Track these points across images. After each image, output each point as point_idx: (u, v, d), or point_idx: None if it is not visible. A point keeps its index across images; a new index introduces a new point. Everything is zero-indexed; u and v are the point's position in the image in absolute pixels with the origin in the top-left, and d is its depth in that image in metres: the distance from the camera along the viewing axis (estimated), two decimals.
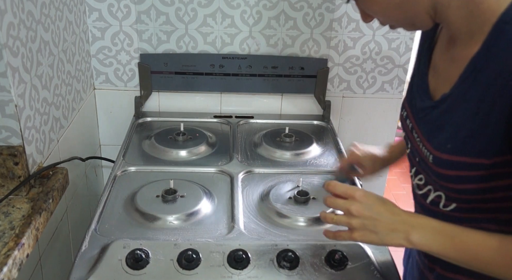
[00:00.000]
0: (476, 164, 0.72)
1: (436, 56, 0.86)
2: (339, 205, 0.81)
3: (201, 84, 1.59)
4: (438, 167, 0.77)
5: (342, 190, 0.82)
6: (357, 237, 0.79)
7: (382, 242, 0.78)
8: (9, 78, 0.92)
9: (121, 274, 0.87)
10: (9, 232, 0.87)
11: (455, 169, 0.74)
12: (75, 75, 1.39)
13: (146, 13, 1.51)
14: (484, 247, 0.71)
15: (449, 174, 0.76)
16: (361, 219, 0.78)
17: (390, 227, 0.77)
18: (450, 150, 0.74)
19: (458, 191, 0.77)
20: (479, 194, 0.75)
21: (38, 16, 1.07)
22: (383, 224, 0.78)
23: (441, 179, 0.78)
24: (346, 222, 0.80)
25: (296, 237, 0.99)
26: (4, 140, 0.97)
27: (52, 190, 1.02)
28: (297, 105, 1.66)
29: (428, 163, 0.80)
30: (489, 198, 0.74)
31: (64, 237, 1.28)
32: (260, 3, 1.51)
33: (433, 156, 0.78)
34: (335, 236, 0.84)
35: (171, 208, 1.06)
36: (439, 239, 0.74)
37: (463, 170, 0.74)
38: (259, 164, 1.30)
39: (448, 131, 0.75)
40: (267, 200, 1.10)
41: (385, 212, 0.78)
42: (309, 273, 0.90)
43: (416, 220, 0.78)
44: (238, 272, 0.89)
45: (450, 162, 0.75)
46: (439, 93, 0.80)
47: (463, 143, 0.73)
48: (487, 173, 0.72)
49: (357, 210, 0.79)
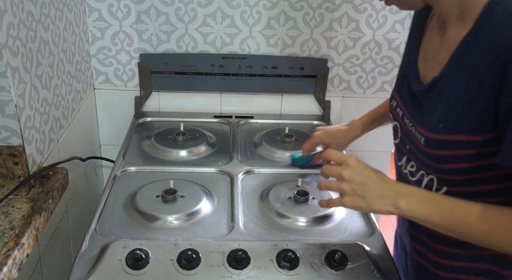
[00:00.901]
0: (469, 142, 0.74)
1: (425, 44, 0.88)
2: (333, 170, 0.85)
3: (201, 84, 1.59)
4: (431, 149, 0.79)
5: (336, 157, 0.86)
6: (347, 201, 0.82)
7: (370, 207, 0.80)
8: (9, 78, 0.92)
9: (121, 274, 0.87)
10: (9, 232, 0.87)
11: (448, 148, 0.76)
12: (75, 75, 1.39)
13: (146, 13, 1.51)
14: (468, 213, 0.74)
15: (441, 154, 0.78)
16: (352, 183, 0.81)
17: (379, 193, 0.80)
18: (442, 129, 0.76)
19: (449, 171, 0.78)
20: (469, 174, 0.77)
21: (38, 16, 1.07)
22: (372, 190, 0.80)
23: (433, 160, 0.80)
24: (337, 186, 0.83)
25: (296, 237, 0.99)
26: (4, 140, 0.97)
27: (52, 190, 1.02)
28: (297, 105, 1.66)
29: (420, 146, 0.82)
30: (478, 178, 0.77)
31: (64, 237, 1.28)
32: (260, 3, 1.51)
33: (425, 138, 0.80)
34: (327, 204, 0.87)
35: (171, 208, 1.06)
36: (426, 205, 0.77)
37: (456, 149, 0.75)
38: (259, 164, 1.30)
39: (440, 111, 0.77)
40: (267, 200, 1.10)
41: (375, 178, 0.81)
42: (309, 273, 0.90)
43: (404, 188, 0.81)
44: (238, 272, 0.89)
45: (442, 141, 0.76)
46: (429, 77, 0.82)
47: (455, 121, 0.75)
48: (478, 152, 0.74)
49: (348, 174, 0.81)
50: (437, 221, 0.76)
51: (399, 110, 0.91)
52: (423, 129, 0.80)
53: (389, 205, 0.79)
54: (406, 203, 0.77)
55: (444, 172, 0.80)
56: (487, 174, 0.76)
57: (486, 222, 0.73)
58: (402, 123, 0.90)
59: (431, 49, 0.86)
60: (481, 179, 0.77)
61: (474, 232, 0.74)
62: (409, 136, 0.87)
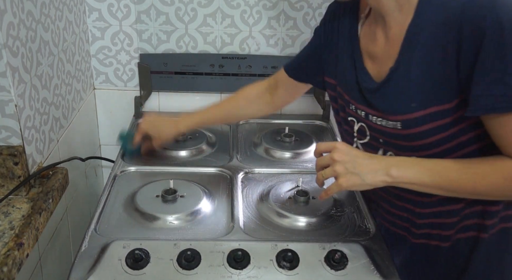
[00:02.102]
0: (442, 111, 0.82)
1: (368, 45, 0.94)
2: (325, 158, 0.90)
3: (201, 84, 1.59)
4: (409, 129, 0.86)
5: (325, 146, 0.92)
6: (343, 182, 0.86)
7: (365, 182, 0.85)
8: (9, 78, 0.92)
9: (121, 274, 0.87)
10: (9, 232, 0.87)
11: (425, 123, 0.84)
12: (75, 75, 1.39)
13: (146, 13, 1.51)
14: (450, 168, 0.83)
15: (420, 131, 0.85)
16: (343, 163, 0.86)
17: (370, 168, 0.85)
18: (415, 108, 0.84)
19: (430, 145, 0.86)
20: (448, 143, 0.85)
21: (38, 16, 1.07)
22: (363, 165, 0.86)
23: (413, 140, 0.87)
24: (331, 170, 0.88)
25: (296, 237, 0.99)
26: (4, 140, 0.97)
27: (52, 190, 1.02)
28: (297, 105, 1.66)
29: (397, 132, 0.88)
30: (456, 145, 0.85)
31: (64, 237, 1.28)
32: (260, 3, 1.51)
33: (401, 122, 0.86)
34: (326, 193, 0.92)
35: (171, 208, 1.06)
36: (415, 169, 0.84)
37: (432, 122, 0.83)
38: (259, 164, 1.30)
39: (408, 93, 0.84)
40: (267, 200, 1.10)
41: (362, 155, 0.88)
42: (308, 273, 0.90)
43: (391, 159, 0.88)
44: (238, 272, 0.89)
45: (419, 118, 0.84)
46: (382, 73, 0.89)
47: (426, 96, 0.82)
48: (452, 119, 0.82)
49: (338, 155, 0.87)
50: (426, 181, 0.83)
51: (361, 112, 0.96)
52: (396, 115, 0.87)
53: (382, 175, 0.85)
54: (397, 170, 0.84)
55: (425, 148, 0.86)
56: (463, 138, 0.84)
57: (467, 172, 0.81)
58: (368, 121, 0.95)
59: (378, 48, 0.91)
60: (459, 144, 0.85)
61: (460, 184, 0.82)
62: (379, 129, 0.92)
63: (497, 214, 0.93)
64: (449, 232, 0.96)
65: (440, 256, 0.99)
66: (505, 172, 0.80)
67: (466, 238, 0.95)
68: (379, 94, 0.90)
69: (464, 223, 0.94)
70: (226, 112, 1.26)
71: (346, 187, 0.87)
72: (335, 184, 0.88)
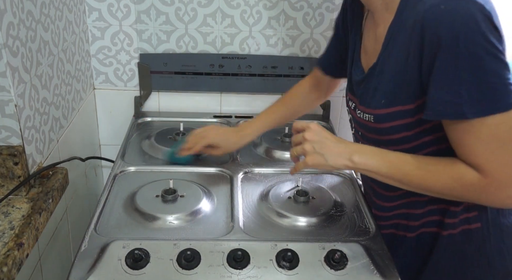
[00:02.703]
0: (405, 111, 0.87)
1: (365, 41, 1.00)
2: (298, 136, 0.95)
3: (201, 84, 1.59)
4: (378, 123, 0.91)
5: (300, 124, 0.97)
6: (309, 161, 0.92)
7: (328, 163, 0.91)
8: (9, 78, 0.92)
9: (120, 274, 0.87)
10: (9, 232, 0.87)
11: (391, 120, 0.89)
12: (75, 75, 1.39)
13: (146, 13, 1.51)
14: (406, 162, 0.87)
15: (387, 126, 0.90)
16: (311, 142, 0.92)
17: (335, 151, 0.91)
18: (384, 104, 0.89)
19: (396, 141, 0.90)
20: (411, 142, 0.90)
21: (38, 16, 1.07)
22: (330, 148, 0.91)
23: (381, 134, 0.92)
24: (301, 148, 0.94)
25: (295, 237, 0.99)
26: (4, 140, 0.97)
27: (52, 190, 1.02)
28: None
29: (370, 125, 0.94)
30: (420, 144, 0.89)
31: (64, 237, 1.28)
32: (260, 3, 1.51)
33: (373, 116, 0.92)
34: (295, 169, 0.99)
35: (170, 208, 1.06)
36: (375, 158, 0.89)
37: (396, 120, 0.88)
38: (259, 164, 1.30)
39: (381, 89, 0.90)
40: (267, 200, 1.10)
41: (332, 138, 0.93)
42: (308, 273, 0.90)
43: (357, 146, 0.94)
44: (237, 272, 0.89)
45: (386, 115, 0.89)
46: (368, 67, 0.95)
47: (393, 95, 0.87)
48: (414, 119, 0.87)
49: (309, 135, 0.92)
50: (383, 171, 0.89)
51: (351, 103, 1.03)
52: (370, 109, 0.93)
53: (346, 159, 0.90)
54: (359, 157, 0.89)
55: (394, 143, 0.91)
56: (426, 139, 0.89)
57: (421, 169, 0.86)
58: (354, 114, 1.01)
59: (369, 43, 0.97)
60: (423, 144, 0.89)
61: (411, 178, 0.87)
62: (360, 122, 0.98)
63: (457, 215, 0.94)
64: (415, 223, 0.99)
65: (406, 246, 1.02)
66: (454, 173, 0.83)
67: (429, 233, 0.99)
68: (362, 86, 0.96)
69: (428, 218, 0.98)
70: (284, 113, 1.29)
71: (311, 165, 0.92)
72: (302, 162, 0.94)
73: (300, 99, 1.31)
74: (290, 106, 1.30)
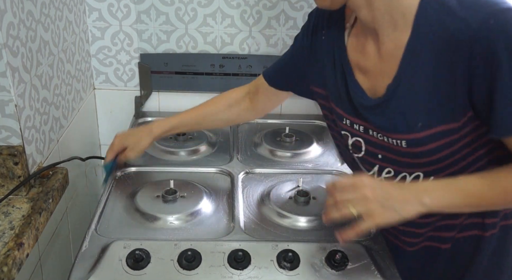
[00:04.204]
0: (449, 130, 0.80)
1: (357, 57, 0.90)
2: (351, 195, 0.81)
3: (201, 84, 1.59)
4: (415, 147, 0.83)
5: (346, 182, 0.83)
6: (380, 220, 0.80)
7: (401, 216, 0.80)
8: (9, 78, 0.92)
9: (121, 274, 0.87)
10: (9, 232, 0.87)
11: (432, 141, 0.82)
12: (75, 75, 1.39)
13: (146, 13, 1.51)
14: (475, 185, 0.81)
15: (427, 149, 0.83)
16: (377, 200, 0.79)
17: (404, 199, 0.81)
18: (422, 127, 0.81)
19: (436, 161, 0.84)
20: (452, 157, 0.83)
21: (38, 16, 1.07)
22: (397, 199, 0.80)
23: (419, 157, 0.84)
24: (365, 209, 0.79)
25: (296, 237, 0.99)
26: (4, 140, 0.97)
27: (52, 190, 1.02)
28: (297, 105, 1.66)
29: (401, 149, 0.85)
30: (459, 158, 0.84)
31: (64, 237, 1.28)
32: (260, 3, 1.51)
33: (406, 141, 0.83)
34: (355, 233, 0.81)
35: (171, 208, 1.06)
36: (445, 192, 0.81)
37: (439, 140, 0.81)
38: (259, 164, 1.29)
39: (413, 112, 0.82)
40: (268, 200, 1.10)
41: (392, 186, 0.83)
42: (309, 274, 0.89)
43: (420, 186, 0.84)
44: (238, 272, 0.89)
45: (425, 137, 0.81)
46: (379, 89, 0.86)
47: (433, 116, 0.80)
48: (459, 135, 0.81)
49: (372, 193, 0.79)
50: (459, 203, 0.81)
51: (358, 126, 0.92)
52: (400, 134, 0.84)
53: (417, 205, 0.80)
54: (429, 197, 0.80)
55: (431, 164, 0.85)
56: (468, 149, 0.83)
57: (494, 188, 0.80)
58: (368, 136, 0.91)
59: (370, 62, 0.87)
60: (461, 157, 0.84)
61: (488, 200, 0.81)
62: (381, 144, 0.89)
63: (497, 214, 0.93)
64: (451, 233, 0.95)
65: (440, 257, 0.98)
66: None
67: (467, 237, 0.95)
68: (379, 111, 0.86)
69: (468, 221, 0.93)
70: (202, 116, 1.21)
71: (384, 224, 0.81)
72: (370, 223, 0.80)
73: (227, 106, 1.19)
74: (212, 111, 1.20)
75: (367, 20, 0.83)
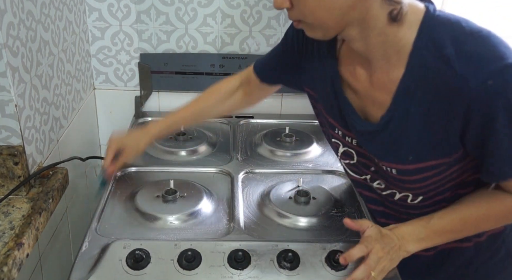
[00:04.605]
0: (439, 164, 0.83)
1: (349, 75, 0.89)
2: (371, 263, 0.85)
3: (201, 84, 1.58)
4: (403, 176, 0.87)
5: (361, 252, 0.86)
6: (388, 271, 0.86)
7: (395, 265, 0.87)
8: (9, 78, 0.92)
9: (121, 274, 0.87)
10: (9, 232, 0.87)
11: (420, 173, 0.85)
12: (75, 75, 1.39)
13: (146, 13, 1.51)
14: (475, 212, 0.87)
15: (414, 178, 0.86)
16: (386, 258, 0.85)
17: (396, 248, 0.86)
18: (412, 160, 0.84)
19: (423, 187, 0.88)
20: (441, 184, 0.88)
21: (38, 16, 1.07)
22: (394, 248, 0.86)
23: (406, 183, 0.88)
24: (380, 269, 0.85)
25: (296, 237, 0.99)
26: (4, 140, 0.97)
27: (52, 190, 1.02)
28: (297, 105, 1.66)
29: (390, 174, 0.88)
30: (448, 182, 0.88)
31: (64, 237, 1.28)
32: (260, 3, 1.51)
33: (396, 170, 0.87)
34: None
35: (171, 208, 1.06)
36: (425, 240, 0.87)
37: (428, 172, 0.84)
38: (259, 164, 1.29)
39: (405, 146, 0.83)
40: (268, 200, 1.10)
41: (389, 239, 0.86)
42: (309, 274, 0.89)
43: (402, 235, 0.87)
44: (238, 272, 0.89)
45: (415, 169, 0.84)
46: (370, 114, 0.87)
47: (425, 151, 0.82)
48: (448, 167, 0.84)
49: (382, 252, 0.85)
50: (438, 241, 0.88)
51: (350, 139, 0.94)
52: (390, 163, 0.87)
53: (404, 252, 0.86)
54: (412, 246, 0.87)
55: (418, 189, 0.89)
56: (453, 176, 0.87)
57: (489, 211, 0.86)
58: (358, 149, 0.94)
59: (360, 84, 0.87)
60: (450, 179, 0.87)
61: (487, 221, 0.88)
62: (373, 161, 0.92)
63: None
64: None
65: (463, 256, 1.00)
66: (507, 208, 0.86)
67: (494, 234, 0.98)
68: (370, 137, 0.88)
69: None
70: (198, 112, 1.20)
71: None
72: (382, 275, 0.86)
73: (221, 99, 1.19)
74: (206, 106, 1.20)
75: (360, 51, 0.82)
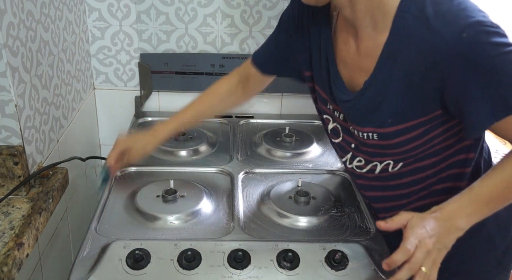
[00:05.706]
0: (417, 124, 0.86)
1: (341, 49, 0.94)
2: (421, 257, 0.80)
3: (201, 84, 1.58)
4: (385, 140, 0.89)
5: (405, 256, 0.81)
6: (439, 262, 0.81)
7: (448, 248, 0.82)
8: (9, 78, 0.92)
9: (121, 274, 0.87)
10: (9, 232, 0.87)
11: (400, 135, 0.87)
12: (75, 75, 1.39)
13: (146, 13, 1.51)
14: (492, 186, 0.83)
15: (396, 141, 0.88)
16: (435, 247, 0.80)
17: (446, 232, 0.81)
18: (391, 123, 0.87)
19: (404, 152, 0.90)
20: (420, 148, 0.89)
21: (38, 16, 1.07)
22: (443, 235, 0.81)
23: (387, 149, 0.91)
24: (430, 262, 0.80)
25: (296, 237, 0.99)
26: (4, 140, 0.97)
27: (52, 190, 1.02)
28: (297, 105, 1.66)
29: (371, 142, 0.91)
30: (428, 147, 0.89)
31: (64, 237, 1.28)
32: (260, 3, 1.51)
33: (377, 134, 0.89)
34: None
35: (171, 208, 1.06)
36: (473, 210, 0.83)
37: (407, 134, 0.87)
38: (259, 164, 1.29)
39: (385, 109, 0.86)
40: (267, 200, 1.10)
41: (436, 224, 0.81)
42: (309, 273, 0.89)
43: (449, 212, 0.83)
44: (238, 272, 0.89)
45: (395, 132, 0.87)
46: (356, 83, 0.91)
47: (403, 113, 0.85)
48: (425, 128, 0.86)
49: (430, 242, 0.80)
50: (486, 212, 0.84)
51: (338, 113, 0.98)
52: (372, 128, 0.89)
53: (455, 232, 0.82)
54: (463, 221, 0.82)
55: (399, 154, 0.91)
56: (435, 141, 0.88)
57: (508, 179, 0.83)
58: (344, 124, 0.97)
59: (349, 55, 0.92)
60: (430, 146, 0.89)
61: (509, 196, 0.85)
62: (354, 135, 0.95)
63: None
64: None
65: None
66: None
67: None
68: (351, 105, 0.91)
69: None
70: (201, 113, 1.23)
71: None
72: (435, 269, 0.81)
73: (222, 98, 1.21)
74: (208, 106, 1.22)
75: (350, 18, 0.87)
